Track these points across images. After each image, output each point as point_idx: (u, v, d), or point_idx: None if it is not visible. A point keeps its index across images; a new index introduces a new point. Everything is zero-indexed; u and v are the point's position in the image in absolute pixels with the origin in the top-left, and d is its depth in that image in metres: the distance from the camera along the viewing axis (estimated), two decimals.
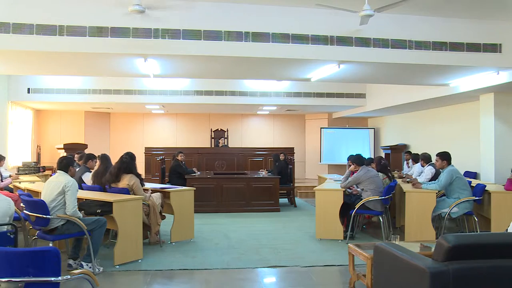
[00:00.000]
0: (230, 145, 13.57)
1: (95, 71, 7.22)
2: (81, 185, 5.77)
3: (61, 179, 4.58)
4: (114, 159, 6.03)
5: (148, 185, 6.42)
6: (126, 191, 5.40)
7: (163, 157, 10.26)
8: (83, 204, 5.07)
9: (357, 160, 6.58)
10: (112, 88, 10.43)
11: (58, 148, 10.83)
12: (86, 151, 6.86)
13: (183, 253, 5.60)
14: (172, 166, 9.38)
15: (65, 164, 4.72)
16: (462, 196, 5.97)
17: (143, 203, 5.40)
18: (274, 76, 7.48)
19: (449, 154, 6.25)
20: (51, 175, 6.01)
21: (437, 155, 6.33)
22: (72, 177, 4.70)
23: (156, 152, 11.85)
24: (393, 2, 4.42)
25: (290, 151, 11.78)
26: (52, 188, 4.56)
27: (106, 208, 4.94)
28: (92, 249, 4.59)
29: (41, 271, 2.44)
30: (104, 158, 6.06)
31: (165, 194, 6.16)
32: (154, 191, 6.24)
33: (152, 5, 4.98)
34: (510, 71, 6.12)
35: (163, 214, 6.06)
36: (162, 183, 9.07)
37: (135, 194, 5.45)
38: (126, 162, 5.67)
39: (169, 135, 14.17)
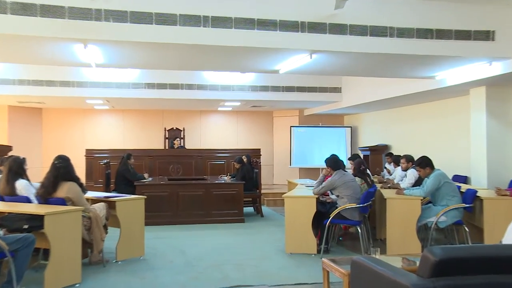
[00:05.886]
0: (187, 147, 13.53)
1: (22, 58, 6.95)
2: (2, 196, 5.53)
3: None
4: (47, 163, 5.80)
5: (89, 194, 6.24)
6: (61, 201, 5.20)
7: (108, 160, 10.06)
8: (5, 219, 4.83)
9: (332, 163, 6.60)
10: (44, 79, 10.06)
11: None
12: (12, 154, 6.58)
13: (131, 273, 5.49)
14: (118, 171, 9.23)
15: None
16: (450, 203, 6.08)
17: (83, 216, 5.24)
18: (238, 67, 7.45)
19: (428, 158, 6.39)
20: None
21: (416, 165, 6.44)
22: None
23: (99, 155, 11.60)
24: None
25: (256, 152, 11.79)
26: None
27: (36, 222, 4.71)
28: (16, 274, 4.31)
29: None
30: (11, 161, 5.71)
31: (110, 204, 6.01)
32: (96, 200, 6.09)
33: None
34: (504, 62, 6.19)
35: (107, 227, 5.90)
36: (106, 191, 8.92)
37: (74, 205, 5.26)
38: (63, 167, 5.44)
39: (115, 135, 13.95)
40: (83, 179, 8.67)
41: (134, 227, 6.14)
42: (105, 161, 10.02)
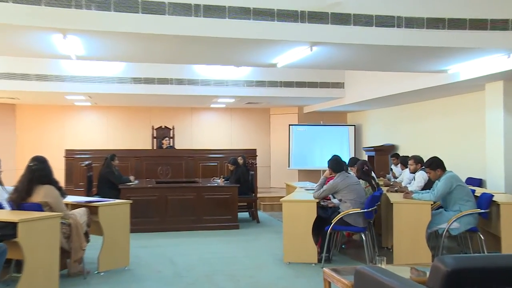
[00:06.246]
0: (176, 147, 13.51)
1: None
2: None
3: None
4: (22, 165, 5.77)
5: (69, 199, 6.23)
6: (37, 207, 5.16)
7: (90, 162, 10.06)
8: None
9: (334, 164, 6.58)
10: (18, 72, 10.00)
11: None
12: None
13: (115, 285, 5.49)
14: (101, 173, 9.24)
15: None
16: (464, 209, 6.07)
17: (61, 222, 5.20)
18: (232, 60, 7.47)
19: (438, 159, 6.37)
20: None
21: (426, 167, 6.43)
22: None
23: (80, 156, 11.57)
24: None
25: (252, 153, 11.82)
26: None
27: (8, 230, 4.65)
28: None
29: None
30: None
31: (92, 210, 5.99)
32: (77, 206, 6.06)
33: None
34: None
35: (88, 235, 5.88)
36: (88, 195, 8.92)
37: (52, 211, 5.23)
38: (39, 169, 5.41)
39: (98, 134, 13.93)
40: (62, 182, 8.66)
41: (118, 234, 6.12)
42: (87, 162, 10.01)
